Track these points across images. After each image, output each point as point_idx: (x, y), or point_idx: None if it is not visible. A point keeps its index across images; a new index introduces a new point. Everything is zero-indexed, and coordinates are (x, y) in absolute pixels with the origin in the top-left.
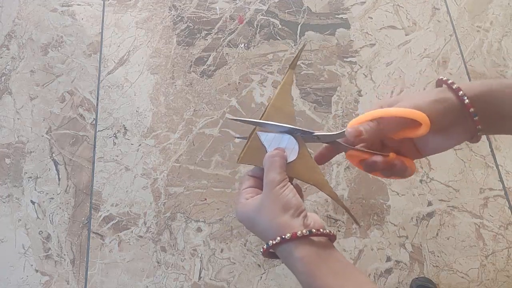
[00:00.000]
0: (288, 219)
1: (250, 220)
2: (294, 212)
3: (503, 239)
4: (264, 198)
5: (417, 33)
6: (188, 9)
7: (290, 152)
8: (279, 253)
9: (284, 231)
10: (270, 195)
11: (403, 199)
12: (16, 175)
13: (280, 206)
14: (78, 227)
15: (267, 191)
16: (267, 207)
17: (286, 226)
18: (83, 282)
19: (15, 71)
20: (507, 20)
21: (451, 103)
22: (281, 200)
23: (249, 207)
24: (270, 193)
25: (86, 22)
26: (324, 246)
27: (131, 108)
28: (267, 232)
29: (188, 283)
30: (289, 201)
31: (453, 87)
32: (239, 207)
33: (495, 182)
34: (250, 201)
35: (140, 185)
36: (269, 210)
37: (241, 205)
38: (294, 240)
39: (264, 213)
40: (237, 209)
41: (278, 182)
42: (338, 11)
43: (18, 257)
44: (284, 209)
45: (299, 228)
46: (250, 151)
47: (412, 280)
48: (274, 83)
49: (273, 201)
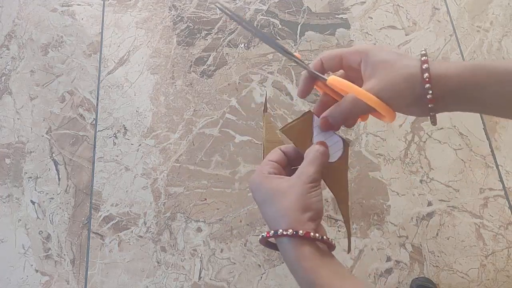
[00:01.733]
0: (304, 219)
1: (266, 198)
2: (313, 216)
3: (503, 239)
4: (291, 187)
5: (417, 33)
6: (188, 9)
7: (332, 154)
8: (283, 244)
9: (297, 227)
10: (299, 188)
11: (403, 199)
12: (16, 175)
13: (304, 204)
14: (78, 227)
15: (298, 182)
16: (291, 198)
17: (299, 224)
18: (83, 282)
19: (15, 71)
20: (507, 20)
21: (414, 89)
22: (307, 199)
23: (271, 184)
24: (300, 186)
25: (86, 22)
26: (326, 251)
27: (131, 108)
28: (279, 220)
29: (188, 283)
30: (313, 204)
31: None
32: (259, 177)
33: (495, 182)
34: (275, 178)
35: (140, 185)
36: (291, 201)
37: (263, 176)
38: (307, 239)
39: (285, 201)
40: (256, 178)
41: (312, 180)
42: (338, 11)
43: (18, 257)
44: (306, 208)
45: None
46: (298, 127)
47: (412, 280)
48: (274, 83)
49: (299, 196)
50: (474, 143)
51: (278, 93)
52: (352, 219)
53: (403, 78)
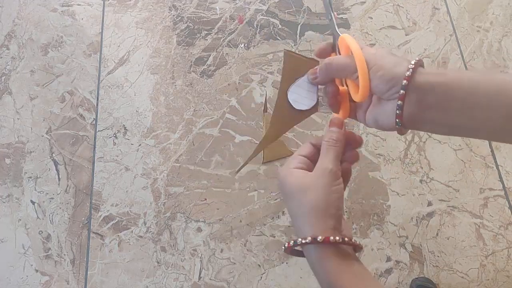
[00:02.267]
0: (325, 217)
1: (290, 194)
2: (333, 212)
3: (503, 239)
4: (313, 183)
5: (417, 33)
6: (188, 9)
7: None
8: (306, 249)
9: (317, 229)
10: (319, 184)
11: (403, 199)
12: (16, 175)
13: (325, 200)
14: (78, 227)
15: (317, 177)
16: (312, 195)
17: (321, 224)
18: (83, 282)
19: (15, 71)
20: (507, 20)
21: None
22: (328, 195)
23: (295, 180)
24: (322, 182)
25: (86, 22)
26: (349, 253)
27: (131, 108)
28: (301, 219)
29: (188, 283)
30: (334, 201)
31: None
32: (284, 171)
33: (495, 182)
34: (299, 173)
35: (140, 185)
36: (312, 198)
37: (288, 171)
38: (326, 244)
39: (306, 198)
40: (282, 173)
41: (332, 171)
42: (338, 11)
43: (18, 257)
44: (327, 205)
45: (331, 231)
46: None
47: (412, 280)
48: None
49: (320, 193)
50: (474, 143)
51: None
52: (352, 219)
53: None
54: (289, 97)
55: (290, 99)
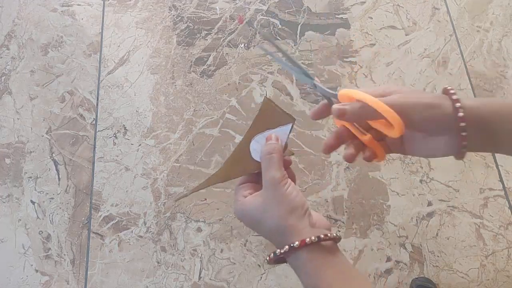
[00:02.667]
0: (295, 221)
1: (254, 220)
2: (300, 212)
3: (503, 239)
4: (267, 198)
5: (417, 33)
6: (188, 9)
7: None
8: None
9: (292, 236)
10: (273, 195)
11: (403, 199)
12: (16, 175)
13: (286, 207)
14: (78, 227)
15: (269, 190)
16: (272, 208)
17: (293, 229)
18: (83, 282)
19: (15, 71)
20: (507, 20)
21: (443, 111)
22: (285, 200)
23: (251, 206)
24: (273, 192)
25: (86, 22)
26: (330, 248)
27: (131, 108)
28: (274, 235)
29: (188, 283)
30: (294, 201)
31: (452, 97)
32: (238, 205)
33: (495, 182)
34: (250, 199)
35: (140, 185)
36: (275, 211)
37: (240, 203)
38: (303, 247)
39: (270, 214)
40: (236, 207)
41: (280, 180)
42: (338, 11)
43: (18, 257)
44: (291, 210)
45: (306, 232)
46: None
47: (412, 280)
48: (274, 83)
49: (278, 202)
50: None
51: (278, 93)
52: (352, 219)
53: (431, 97)
54: (251, 145)
55: (251, 148)
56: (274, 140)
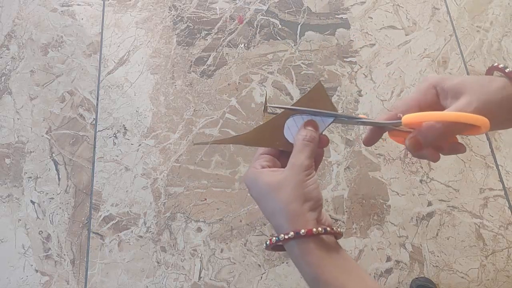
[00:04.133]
0: (304, 210)
1: (263, 193)
2: (313, 205)
3: (503, 239)
4: (287, 178)
5: (417, 33)
6: (188, 9)
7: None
8: (288, 245)
9: (298, 223)
10: (294, 178)
11: (403, 199)
12: (16, 175)
13: (302, 194)
14: (78, 227)
15: (292, 172)
16: (288, 190)
17: (301, 217)
18: (83, 282)
19: (15, 71)
20: (507, 20)
21: (508, 90)
22: (303, 187)
23: (267, 178)
24: (295, 176)
25: (86, 22)
26: (331, 242)
27: (131, 108)
28: (278, 215)
29: (188, 283)
30: (311, 192)
31: (499, 67)
32: (252, 173)
33: (495, 182)
34: (269, 171)
35: (140, 185)
36: (289, 194)
37: (256, 171)
38: (309, 237)
39: (282, 194)
40: (249, 174)
41: (306, 168)
42: (338, 11)
43: (18, 257)
44: (305, 198)
45: (312, 223)
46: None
47: (412, 280)
48: (274, 83)
49: (296, 187)
50: (474, 143)
51: (278, 93)
52: (352, 219)
53: (498, 89)
54: (288, 121)
55: (287, 123)
56: (314, 128)
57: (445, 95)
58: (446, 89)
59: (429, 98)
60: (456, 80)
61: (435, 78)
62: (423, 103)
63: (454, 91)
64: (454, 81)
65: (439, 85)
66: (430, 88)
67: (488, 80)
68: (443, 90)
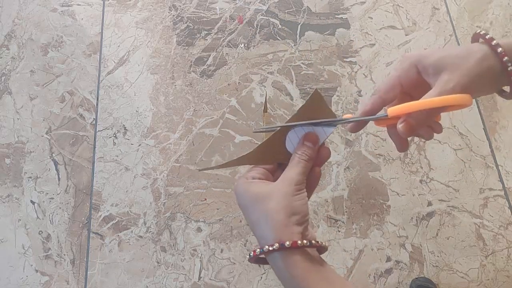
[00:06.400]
0: (290, 223)
1: (250, 202)
2: (299, 219)
3: (503, 239)
4: (277, 190)
5: (417, 33)
6: (188, 9)
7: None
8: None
9: (283, 234)
10: (284, 190)
11: (403, 199)
12: (16, 175)
13: (289, 206)
14: (78, 227)
15: (281, 185)
16: (275, 200)
17: (286, 229)
18: (83, 282)
19: (15, 71)
20: (507, 20)
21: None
22: (292, 201)
23: (256, 188)
24: (286, 188)
25: (86, 22)
26: (317, 256)
27: (131, 108)
28: (262, 225)
29: (188, 283)
30: (299, 207)
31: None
32: (243, 183)
33: (495, 182)
34: (260, 182)
35: (140, 185)
36: (276, 204)
37: (246, 182)
38: (294, 249)
39: (270, 204)
40: (240, 184)
41: (296, 183)
42: (338, 11)
43: (18, 257)
44: (292, 212)
45: (298, 236)
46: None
47: (412, 280)
48: (274, 83)
49: (284, 198)
50: (474, 143)
51: (278, 93)
52: (352, 219)
53: (477, 62)
54: (289, 133)
55: (288, 136)
56: (313, 142)
57: (426, 72)
58: (426, 66)
59: (411, 75)
60: (436, 55)
61: (415, 56)
62: (405, 81)
63: (435, 67)
64: (434, 57)
65: (420, 63)
66: (412, 67)
67: (467, 52)
68: (424, 68)
